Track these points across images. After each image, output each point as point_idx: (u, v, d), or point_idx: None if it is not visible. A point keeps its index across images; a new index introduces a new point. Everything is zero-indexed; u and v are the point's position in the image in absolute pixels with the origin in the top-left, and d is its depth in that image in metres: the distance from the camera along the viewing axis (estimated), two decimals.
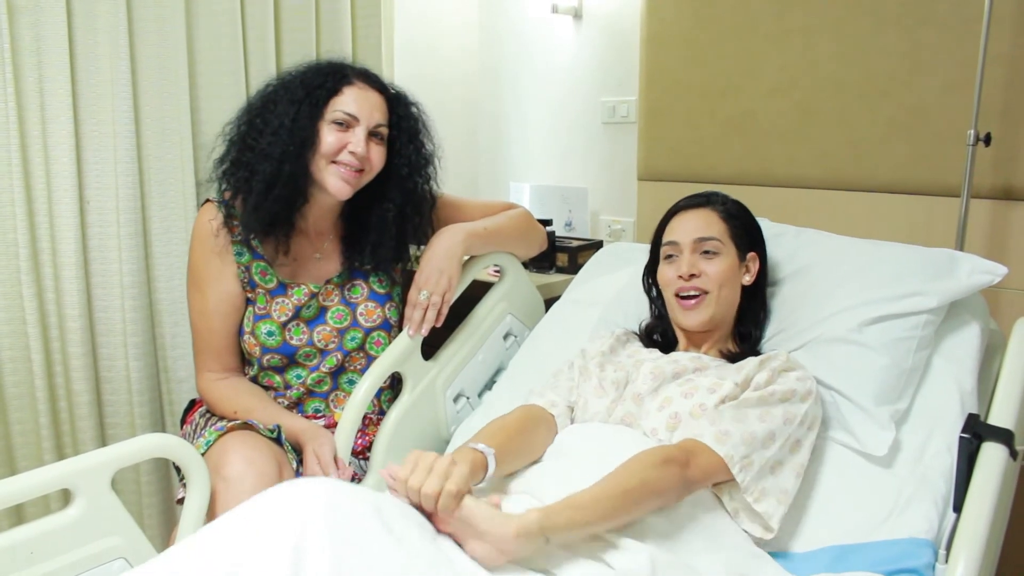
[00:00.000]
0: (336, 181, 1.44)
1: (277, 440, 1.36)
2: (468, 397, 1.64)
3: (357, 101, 1.45)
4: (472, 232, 1.60)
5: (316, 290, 1.53)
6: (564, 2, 2.45)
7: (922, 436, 1.27)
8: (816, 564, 1.14)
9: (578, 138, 2.54)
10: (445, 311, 1.54)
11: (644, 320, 1.52)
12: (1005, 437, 1.10)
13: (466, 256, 1.61)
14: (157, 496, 1.85)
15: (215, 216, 1.50)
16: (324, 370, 1.54)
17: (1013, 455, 1.10)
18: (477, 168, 2.84)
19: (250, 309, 1.51)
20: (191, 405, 1.64)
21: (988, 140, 1.63)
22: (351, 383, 1.56)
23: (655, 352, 1.40)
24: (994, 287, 1.40)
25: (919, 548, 1.10)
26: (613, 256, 1.85)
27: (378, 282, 1.59)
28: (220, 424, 1.39)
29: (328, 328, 1.54)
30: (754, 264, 1.41)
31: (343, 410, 1.44)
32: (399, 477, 1.03)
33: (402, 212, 1.54)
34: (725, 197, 1.44)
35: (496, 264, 1.73)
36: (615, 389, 1.32)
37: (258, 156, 1.43)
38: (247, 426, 1.35)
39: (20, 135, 1.61)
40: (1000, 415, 1.16)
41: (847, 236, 1.57)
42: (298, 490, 0.91)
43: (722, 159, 2.11)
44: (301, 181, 1.45)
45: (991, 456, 1.07)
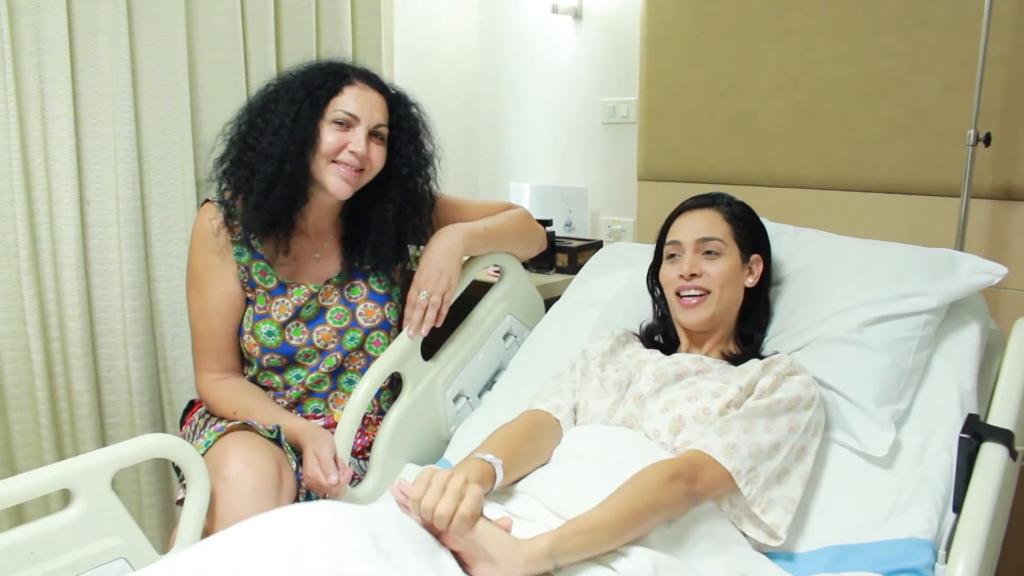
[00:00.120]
0: (336, 181, 1.44)
1: (277, 440, 1.36)
2: (468, 397, 1.64)
3: (357, 101, 1.45)
4: (472, 232, 1.60)
5: (316, 290, 1.53)
6: (564, 2, 2.45)
7: (922, 436, 1.27)
8: (816, 564, 1.14)
9: (578, 138, 2.54)
10: (445, 311, 1.54)
11: (645, 321, 1.52)
12: (1005, 437, 1.10)
13: (466, 256, 1.61)
14: (157, 496, 1.85)
15: (215, 216, 1.50)
16: (323, 370, 1.54)
17: (1013, 455, 1.10)
18: (477, 168, 2.84)
19: (250, 309, 1.51)
20: (190, 406, 1.64)
21: (988, 140, 1.63)
22: (350, 383, 1.56)
23: (656, 353, 1.40)
24: (994, 287, 1.40)
25: (919, 548, 1.10)
26: (613, 256, 1.85)
27: (377, 282, 1.59)
28: (220, 425, 1.39)
29: (328, 328, 1.54)
30: (758, 266, 1.41)
31: (343, 410, 1.44)
32: (412, 496, 1.01)
33: (402, 212, 1.54)
34: (731, 198, 1.44)
35: (496, 264, 1.73)
36: (616, 390, 1.32)
37: (259, 156, 1.43)
38: (247, 427, 1.35)
39: (20, 135, 1.61)
40: (1000, 415, 1.16)
41: (847, 236, 1.57)
42: (294, 515, 0.90)
43: (722, 159, 2.11)
44: (301, 181, 1.45)
45: (991, 456, 1.07)
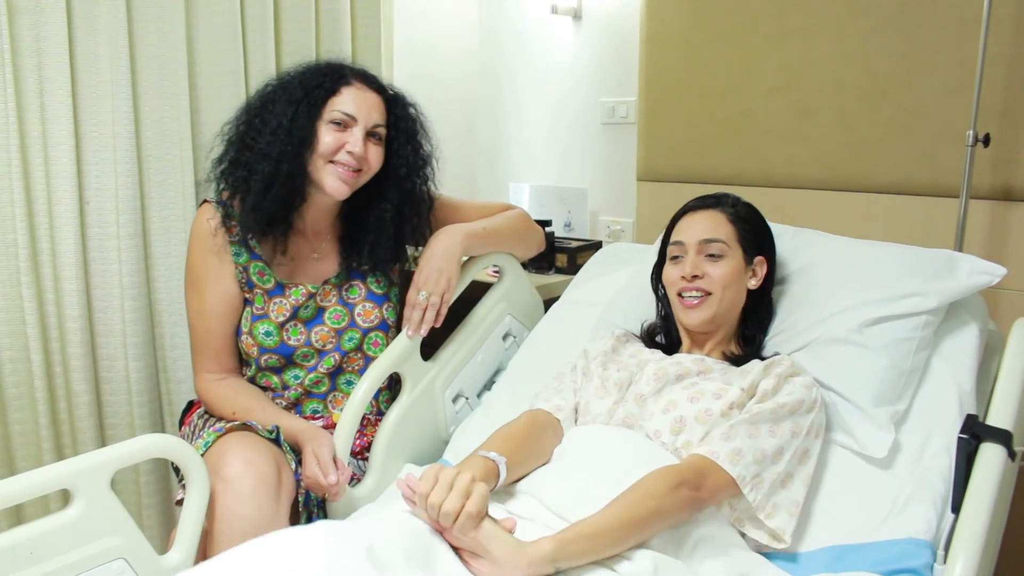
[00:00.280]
0: (334, 181, 1.44)
1: (276, 441, 1.36)
2: (467, 398, 1.64)
3: (355, 101, 1.45)
4: (471, 232, 1.60)
5: (314, 290, 1.53)
6: (563, 2, 2.45)
7: (921, 437, 1.27)
8: (815, 565, 1.15)
9: (577, 139, 2.54)
10: (444, 312, 1.54)
11: (645, 320, 1.52)
12: (1003, 438, 1.10)
13: (465, 256, 1.61)
14: (156, 496, 1.85)
15: (213, 216, 1.50)
16: (322, 371, 1.54)
17: (1011, 456, 1.10)
18: (476, 168, 2.84)
19: (248, 309, 1.51)
20: (189, 406, 1.64)
21: (987, 141, 1.63)
22: (349, 384, 1.56)
23: (658, 353, 1.40)
24: (993, 288, 1.40)
25: (918, 548, 1.10)
26: (612, 257, 1.85)
27: (376, 283, 1.59)
28: (219, 425, 1.39)
29: (326, 328, 1.54)
30: (761, 268, 1.41)
31: (342, 411, 1.44)
32: (419, 491, 1.02)
33: (400, 213, 1.54)
34: (736, 199, 1.43)
35: (495, 265, 1.73)
36: (617, 390, 1.32)
37: (256, 156, 1.43)
38: (246, 427, 1.35)
39: (20, 135, 1.61)
40: (998, 416, 1.16)
41: (846, 237, 1.57)
42: (291, 538, 0.91)
43: (721, 159, 2.11)
44: (299, 181, 1.45)
45: (989, 457, 1.07)
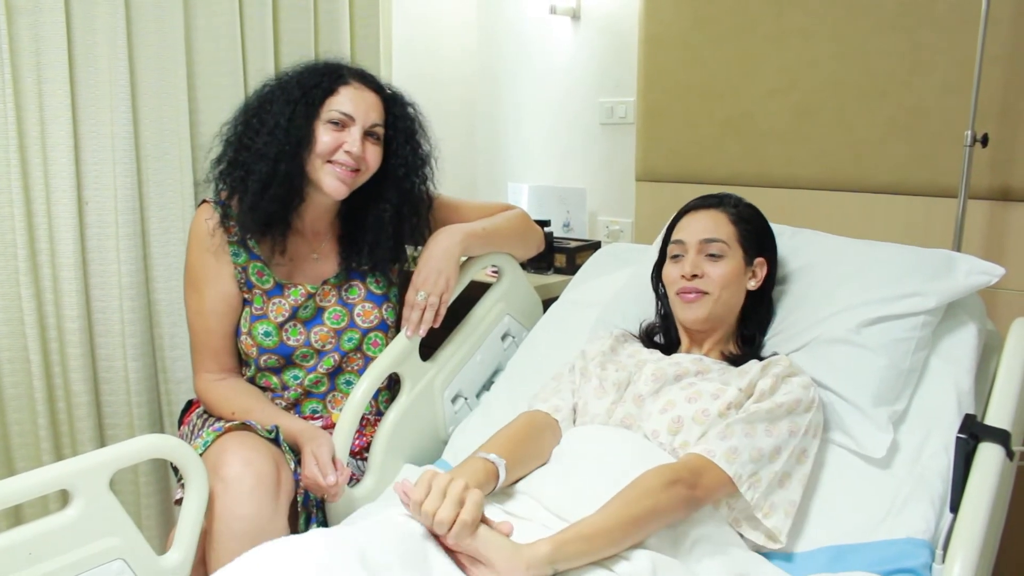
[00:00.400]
0: (332, 181, 1.44)
1: (275, 441, 1.36)
2: (466, 398, 1.64)
3: (353, 101, 1.45)
4: (470, 233, 1.60)
5: (313, 291, 1.53)
6: (562, 3, 2.45)
7: (919, 436, 1.27)
8: (814, 564, 1.15)
9: (576, 139, 2.54)
10: (443, 312, 1.54)
11: (644, 320, 1.52)
12: (1001, 437, 1.10)
13: (464, 257, 1.61)
14: (155, 497, 1.85)
15: (211, 216, 1.50)
16: (321, 371, 1.54)
17: (1009, 455, 1.10)
18: (475, 168, 2.84)
19: (247, 309, 1.51)
20: (188, 406, 1.64)
21: (985, 141, 1.64)
22: (348, 384, 1.56)
23: (656, 353, 1.40)
24: (991, 288, 1.40)
25: (916, 548, 1.10)
26: (611, 257, 1.85)
27: (375, 283, 1.59)
28: (218, 425, 1.39)
29: (325, 329, 1.54)
30: (761, 269, 1.41)
31: (341, 411, 1.44)
32: (413, 499, 1.02)
33: (399, 213, 1.54)
34: (738, 200, 1.43)
35: (494, 265, 1.73)
36: (616, 390, 1.32)
37: (254, 156, 1.43)
38: (245, 427, 1.35)
39: (19, 136, 1.61)
40: (997, 415, 1.16)
41: (845, 237, 1.57)
42: (288, 548, 0.91)
43: (720, 160, 2.12)
44: (297, 181, 1.45)
45: (988, 456, 1.07)
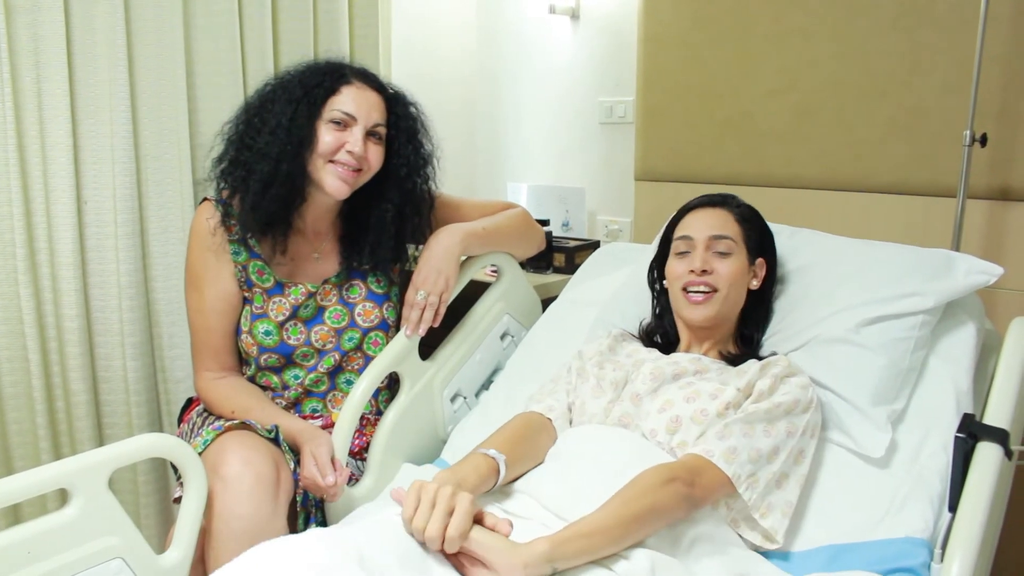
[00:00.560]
0: (333, 180, 1.44)
1: (275, 440, 1.36)
2: (465, 397, 1.65)
3: (355, 100, 1.45)
4: (470, 232, 1.60)
5: (314, 290, 1.53)
6: (561, 2, 2.45)
7: (918, 436, 1.28)
8: (813, 564, 1.15)
9: (575, 138, 2.54)
10: (443, 311, 1.54)
11: (644, 320, 1.52)
12: (1000, 437, 1.10)
13: (464, 256, 1.61)
14: (154, 496, 1.85)
15: (212, 215, 1.50)
16: (322, 370, 1.54)
17: (1008, 455, 1.10)
18: (475, 168, 2.84)
19: (247, 308, 1.51)
20: (188, 403, 1.64)
21: (984, 141, 1.64)
22: (349, 383, 1.56)
23: (655, 352, 1.40)
24: (990, 287, 1.40)
25: (915, 547, 1.11)
26: (610, 256, 1.85)
27: (376, 282, 1.59)
28: (218, 424, 1.39)
29: (326, 328, 1.54)
30: (761, 270, 1.42)
31: (340, 410, 1.44)
32: (403, 515, 1.02)
33: (401, 212, 1.54)
34: (740, 200, 1.45)
35: (493, 264, 1.73)
36: (613, 389, 1.32)
37: (256, 155, 1.43)
38: (245, 426, 1.35)
39: (17, 135, 1.61)
40: (995, 415, 1.16)
41: (844, 236, 1.57)
42: (285, 550, 0.91)
43: (720, 160, 2.12)
44: (298, 180, 1.45)
45: (986, 456, 1.07)
